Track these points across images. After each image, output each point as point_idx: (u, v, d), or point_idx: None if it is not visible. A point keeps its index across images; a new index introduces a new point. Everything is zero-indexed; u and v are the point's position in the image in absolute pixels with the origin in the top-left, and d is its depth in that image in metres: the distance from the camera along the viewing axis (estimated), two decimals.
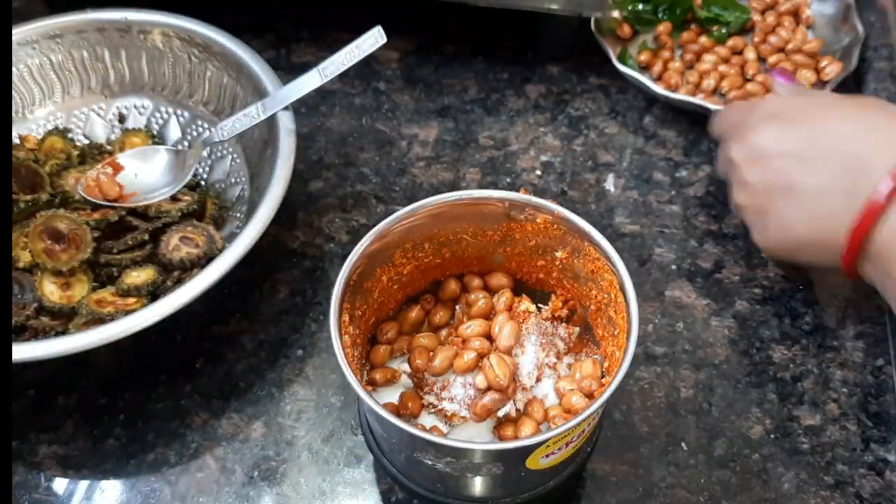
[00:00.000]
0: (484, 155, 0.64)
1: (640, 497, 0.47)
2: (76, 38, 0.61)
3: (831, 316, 0.54)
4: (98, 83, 0.63)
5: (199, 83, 0.62)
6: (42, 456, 0.50)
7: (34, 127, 0.62)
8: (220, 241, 0.53)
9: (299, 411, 0.51)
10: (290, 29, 0.73)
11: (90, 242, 0.51)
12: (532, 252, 0.46)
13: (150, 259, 0.53)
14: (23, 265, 0.52)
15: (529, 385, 0.43)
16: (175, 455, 0.49)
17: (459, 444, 0.37)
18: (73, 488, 0.48)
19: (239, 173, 0.59)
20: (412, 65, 0.71)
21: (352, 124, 0.67)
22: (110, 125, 0.63)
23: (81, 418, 0.51)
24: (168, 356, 0.53)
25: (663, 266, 0.57)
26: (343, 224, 0.60)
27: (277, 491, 0.48)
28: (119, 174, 0.56)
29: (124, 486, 0.48)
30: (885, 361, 0.52)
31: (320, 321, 0.55)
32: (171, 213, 0.54)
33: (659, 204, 0.61)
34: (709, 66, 0.67)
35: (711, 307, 0.55)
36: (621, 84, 0.68)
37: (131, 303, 0.50)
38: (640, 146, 0.64)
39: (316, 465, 0.49)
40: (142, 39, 0.61)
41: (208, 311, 0.55)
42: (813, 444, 0.49)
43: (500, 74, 0.70)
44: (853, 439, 0.49)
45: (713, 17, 0.69)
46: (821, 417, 0.50)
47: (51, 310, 0.50)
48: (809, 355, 0.52)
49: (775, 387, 0.51)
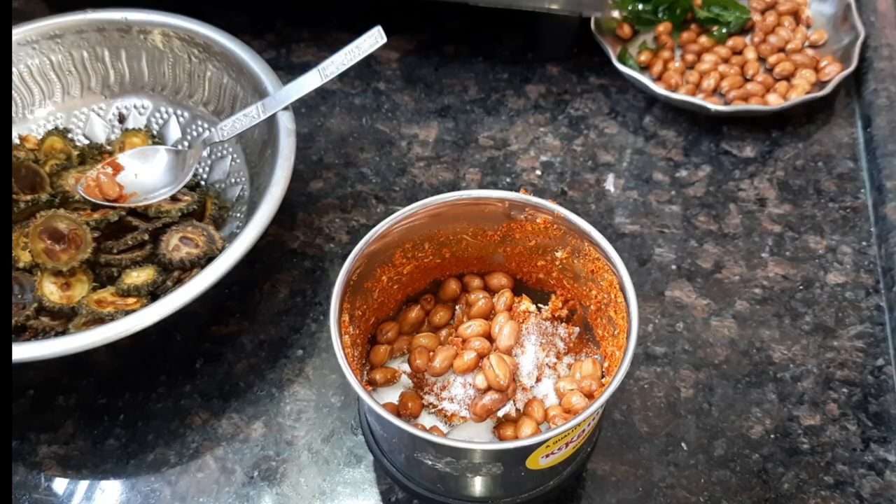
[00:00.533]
0: (484, 155, 0.64)
1: (640, 497, 0.47)
2: (76, 39, 0.61)
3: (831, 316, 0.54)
4: (98, 83, 0.63)
5: (199, 83, 0.62)
6: (42, 456, 0.50)
7: (34, 127, 0.62)
8: (220, 241, 0.53)
9: (299, 411, 0.51)
10: (290, 29, 0.73)
11: (90, 242, 0.51)
12: (532, 252, 0.46)
13: (150, 259, 0.53)
14: (23, 265, 0.52)
15: (529, 385, 0.43)
16: (175, 455, 0.49)
17: (459, 444, 0.37)
18: (72, 488, 0.48)
19: (239, 173, 0.59)
20: (412, 65, 0.71)
21: (352, 124, 0.67)
22: (110, 125, 0.63)
23: (81, 418, 0.51)
24: (168, 356, 0.53)
25: (663, 266, 0.57)
26: (343, 224, 0.60)
27: (277, 491, 0.48)
28: (119, 174, 0.56)
29: (124, 486, 0.48)
30: (885, 361, 0.52)
31: (320, 321, 0.55)
32: (171, 214, 0.54)
33: (659, 204, 0.61)
34: (709, 66, 0.67)
35: (711, 307, 0.55)
36: (621, 84, 0.68)
37: (131, 303, 0.50)
38: (640, 146, 0.64)
39: (316, 465, 0.49)
40: (142, 39, 0.61)
41: (208, 312, 0.55)
42: (813, 444, 0.49)
43: (500, 74, 0.70)
44: (853, 439, 0.49)
45: (713, 17, 0.69)
46: (821, 417, 0.50)
47: (51, 310, 0.50)
48: (809, 355, 0.52)
49: (775, 387, 0.51)
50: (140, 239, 0.53)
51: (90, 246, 0.51)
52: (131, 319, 0.45)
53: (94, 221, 0.52)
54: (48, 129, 0.61)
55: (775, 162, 0.63)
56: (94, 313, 0.49)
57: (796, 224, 0.59)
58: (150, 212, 0.54)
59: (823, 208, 0.60)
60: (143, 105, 0.63)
